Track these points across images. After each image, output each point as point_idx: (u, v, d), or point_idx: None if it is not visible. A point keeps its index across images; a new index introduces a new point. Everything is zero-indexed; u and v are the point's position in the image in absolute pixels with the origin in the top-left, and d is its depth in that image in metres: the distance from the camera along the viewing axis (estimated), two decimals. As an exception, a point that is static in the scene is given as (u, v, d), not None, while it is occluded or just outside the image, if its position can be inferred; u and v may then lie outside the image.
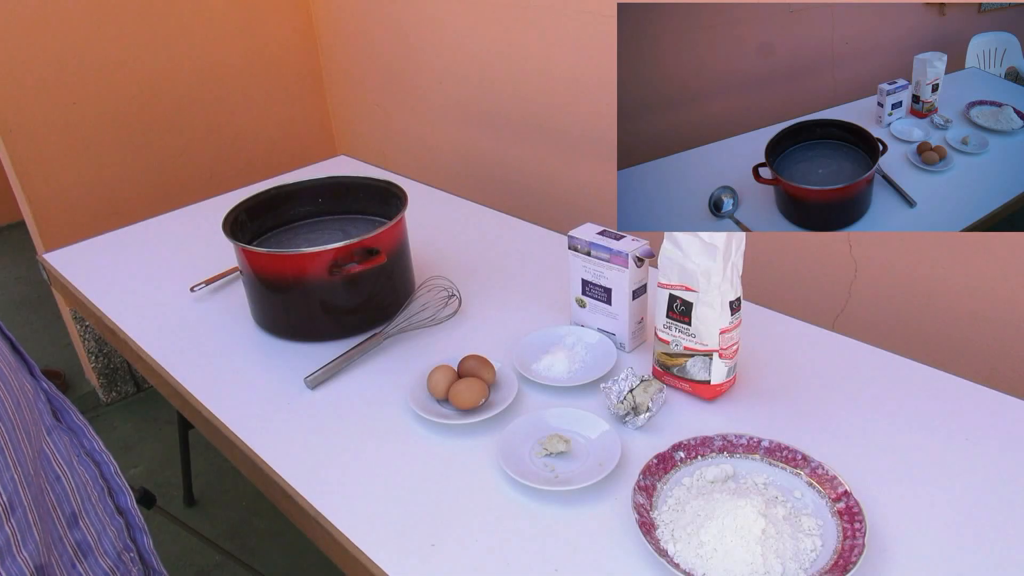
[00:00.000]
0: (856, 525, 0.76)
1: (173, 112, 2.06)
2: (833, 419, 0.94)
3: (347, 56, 2.23)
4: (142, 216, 1.63)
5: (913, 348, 1.11)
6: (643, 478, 0.83)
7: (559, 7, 1.58)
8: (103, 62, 1.91)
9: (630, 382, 0.94)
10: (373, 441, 0.95)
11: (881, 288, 1.30)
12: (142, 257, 1.45)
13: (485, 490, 0.86)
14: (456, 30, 1.84)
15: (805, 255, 1.38)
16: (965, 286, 1.20)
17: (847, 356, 1.05)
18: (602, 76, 1.56)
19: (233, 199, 1.23)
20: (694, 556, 0.74)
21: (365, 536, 0.82)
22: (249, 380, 1.08)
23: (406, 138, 2.18)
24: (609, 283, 1.05)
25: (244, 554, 1.73)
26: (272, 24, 2.19)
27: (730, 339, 0.93)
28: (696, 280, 0.91)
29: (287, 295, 1.12)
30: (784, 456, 0.85)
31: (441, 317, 1.17)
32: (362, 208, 1.31)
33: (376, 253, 1.10)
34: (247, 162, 2.23)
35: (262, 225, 1.26)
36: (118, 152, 2.00)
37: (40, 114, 1.86)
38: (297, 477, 0.90)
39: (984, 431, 0.90)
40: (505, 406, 0.96)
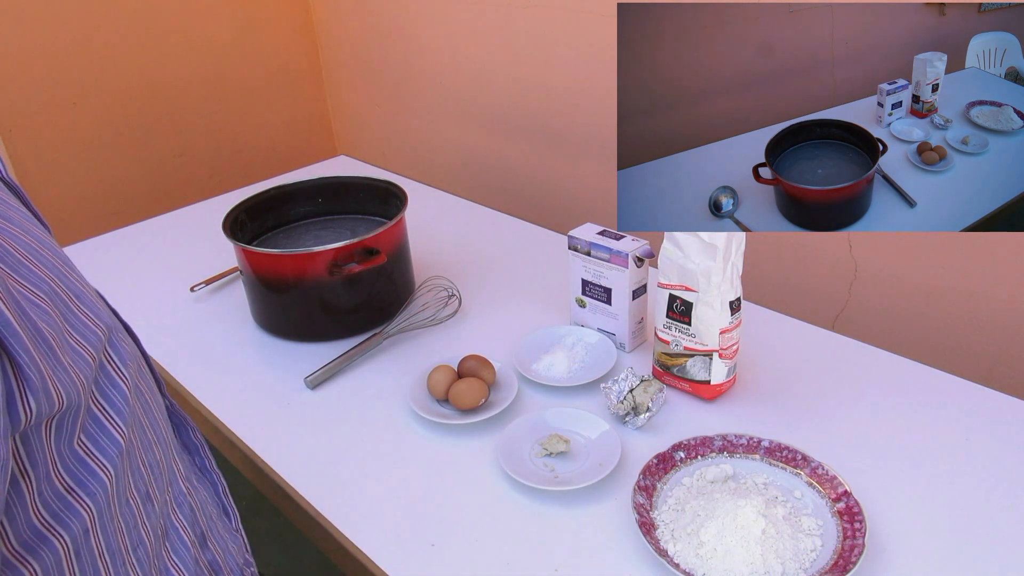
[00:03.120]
0: (856, 525, 0.76)
1: (173, 112, 2.06)
2: (833, 419, 0.94)
3: (347, 56, 2.23)
4: (142, 216, 1.63)
5: (913, 348, 1.10)
6: (643, 478, 0.83)
7: (559, 7, 1.57)
8: (103, 62, 1.91)
9: (630, 382, 0.94)
10: (373, 441, 0.95)
11: (881, 288, 1.30)
12: (142, 257, 1.45)
13: (485, 490, 0.86)
14: (456, 30, 1.84)
15: (805, 255, 1.38)
16: (965, 286, 1.20)
17: (847, 356, 1.05)
18: (602, 76, 1.56)
19: (233, 199, 1.23)
20: (694, 556, 0.74)
21: (365, 536, 0.82)
22: (249, 380, 1.08)
23: (406, 138, 2.18)
24: (609, 283, 1.05)
25: (244, 554, 1.73)
26: (272, 24, 2.19)
27: (730, 339, 0.93)
28: (696, 280, 0.91)
29: (287, 295, 1.12)
30: (784, 456, 0.85)
31: (441, 317, 1.17)
32: (362, 208, 1.31)
33: (376, 253, 1.10)
34: (247, 162, 2.23)
35: (262, 225, 1.26)
36: (118, 152, 2.00)
37: (40, 114, 1.85)
38: (297, 477, 0.90)
39: (984, 431, 0.90)
40: (505, 406, 0.96)
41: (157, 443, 0.55)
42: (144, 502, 0.52)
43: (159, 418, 0.58)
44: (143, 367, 0.57)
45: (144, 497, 0.52)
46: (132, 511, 0.51)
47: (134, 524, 0.51)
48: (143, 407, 0.54)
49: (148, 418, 0.55)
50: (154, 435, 0.55)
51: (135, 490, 0.51)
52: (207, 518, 0.65)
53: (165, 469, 0.56)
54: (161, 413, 0.60)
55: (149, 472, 0.53)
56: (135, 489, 0.51)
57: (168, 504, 0.56)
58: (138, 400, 0.53)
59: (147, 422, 0.54)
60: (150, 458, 0.53)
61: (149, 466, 0.53)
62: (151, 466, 0.53)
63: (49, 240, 0.49)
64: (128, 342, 0.54)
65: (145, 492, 0.52)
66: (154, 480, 0.54)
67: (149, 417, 0.55)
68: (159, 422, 0.57)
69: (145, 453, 0.53)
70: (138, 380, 0.53)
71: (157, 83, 2.02)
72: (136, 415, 0.52)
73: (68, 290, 0.45)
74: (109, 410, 0.48)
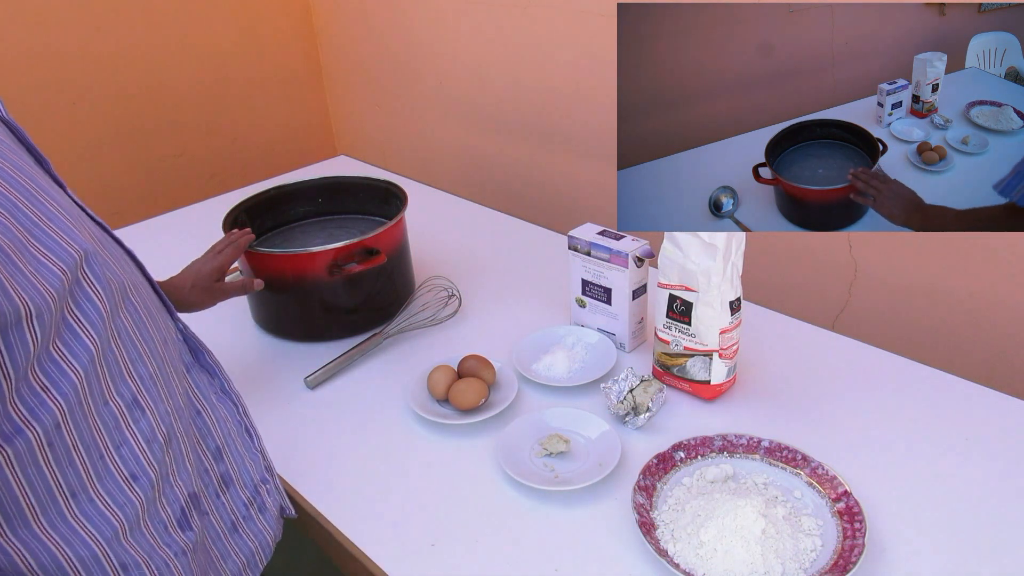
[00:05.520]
0: (856, 525, 0.76)
1: (173, 112, 2.06)
2: (833, 419, 0.94)
3: (347, 56, 2.23)
4: (142, 216, 1.63)
5: (913, 348, 1.10)
6: (643, 478, 0.83)
7: (559, 7, 1.57)
8: (103, 63, 1.91)
9: (630, 382, 0.94)
10: (373, 441, 0.95)
11: (881, 288, 1.30)
12: (142, 257, 1.44)
13: (485, 490, 0.86)
14: (456, 30, 1.84)
15: (805, 255, 1.38)
16: (965, 286, 1.20)
17: (847, 356, 1.05)
18: (602, 76, 1.56)
19: (233, 199, 1.23)
20: (694, 556, 0.74)
21: (365, 536, 0.82)
22: (249, 380, 1.08)
23: (406, 138, 2.18)
24: (609, 283, 1.05)
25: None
26: (272, 24, 2.19)
27: (730, 339, 0.93)
28: (696, 280, 0.91)
29: (287, 295, 1.12)
30: (784, 456, 0.85)
31: (441, 317, 1.17)
32: (362, 208, 1.31)
33: (376, 253, 1.10)
34: (247, 162, 2.23)
35: (262, 225, 1.26)
36: (118, 152, 2.00)
37: (40, 114, 1.85)
38: (297, 477, 0.90)
39: (984, 431, 0.90)
40: (505, 406, 0.96)
41: (151, 356, 0.61)
42: (130, 407, 0.58)
43: (156, 337, 0.63)
44: (143, 291, 0.63)
45: (130, 403, 0.58)
46: (113, 413, 0.57)
47: (115, 426, 0.57)
48: (135, 323, 0.60)
49: (140, 334, 0.60)
50: (146, 349, 0.60)
51: (117, 396, 0.57)
52: (224, 434, 0.71)
53: (161, 382, 0.61)
54: (166, 333, 0.65)
55: (138, 383, 0.59)
56: (117, 395, 0.57)
57: (170, 415, 0.62)
58: (130, 317, 0.59)
59: (138, 337, 0.60)
60: (140, 371, 0.59)
61: (140, 378, 0.59)
62: (141, 378, 0.59)
63: (31, 169, 0.56)
64: (120, 267, 0.60)
65: (131, 399, 0.58)
66: (145, 391, 0.59)
67: (143, 333, 0.60)
68: (155, 340, 0.62)
69: (133, 365, 0.58)
70: (131, 299, 0.60)
71: (157, 83, 2.01)
72: (123, 328, 0.58)
73: (37, 210, 0.52)
74: (83, 320, 0.54)
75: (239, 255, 1.01)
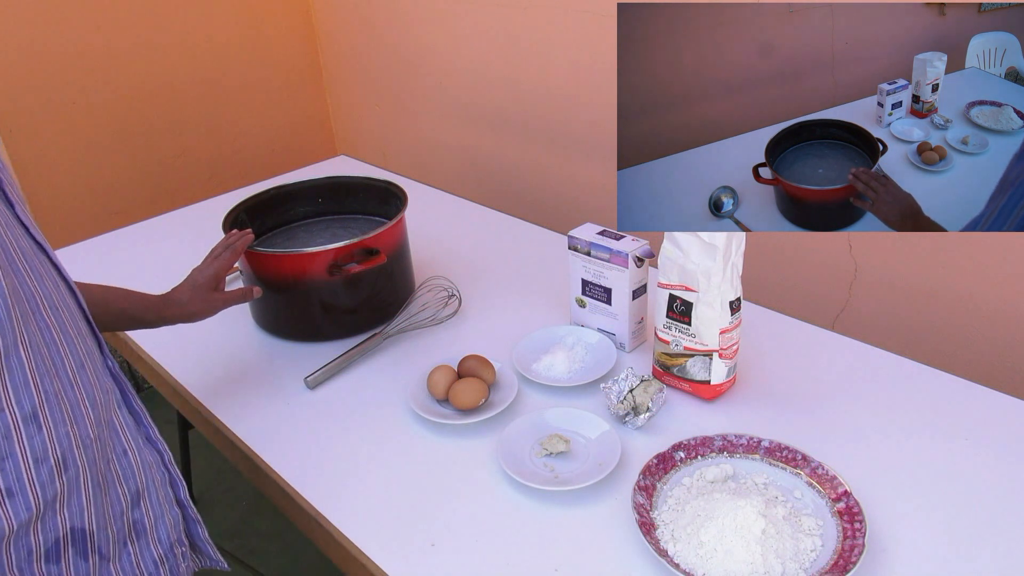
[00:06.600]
0: (856, 525, 0.76)
1: (173, 112, 2.06)
2: (833, 419, 0.93)
3: (347, 56, 2.23)
4: (142, 216, 1.63)
5: (913, 348, 1.11)
6: (643, 478, 0.83)
7: (559, 7, 1.58)
8: (103, 62, 1.91)
9: (630, 382, 0.94)
10: (373, 441, 0.95)
11: (881, 288, 1.30)
12: (142, 257, 1.45)
13: (485, 490, 0.86)
14: (456, 30, 1.84)
15: (805, 255, 1.38)
16: (965, 286, 1.20)
17: (847, 356, 1.05)
18: (602, 76, 1.56)
19: (233, 199, 1.23)
20: (694, 556, 0.74)
21: (365, 536, 0.82)
22: (249, 380, 1.08)
23: (406, 138, 2.18)
24: (609, 283, 1.05)
25: (244, 554, 1.73)
26: (272, 24, 2.19)
27: (730, 339, 0.93)
28: (696, 280, 0.91)
29: (287, 295, 1.12)
30: (784, 456, 0.85)
31: (441, 317, 1.17)
32: (362, 208, 1.31)
33: (376, 253, 1.10)
34: (247, 162, 2.23)
35: (262, 225, 1.26)
36: (118, 152, 2.00)
37: (40, 114, 1.85)
38: (297, 477, 0.90)
39: (984, 431, 0.90)
40: (505, 406, 0.96)
41: (60, 377, 0.60)
42: (27, 421, 0.56)
43: (71, 361, 0.61)
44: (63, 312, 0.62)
45: (28, 416, 0.56)
46: (6, 423, 0.55)
47: (5, 435, 0.55)
48: (46, 341, 0.59)
49: (50, 351, 0.59)
50: (55, 367, 0.59)
51: (15, 404, 0.55)
52: (148, 480, 0.69)
53: (68, 406, 0.60)
54: (87, 360, 0.64)
55: (42, 397, 0.57)
56: (15, 403, 0.55)
57: (72, 440, 0.60)
58: (40, 332, 0.58)
59: (47, 355, 0.59)
60: (47, 386, 0.58)
61: (45, 392, 0.58)
62: (46, 392, 0.58)
63: None
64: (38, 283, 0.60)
65: (30, 412, 0.56)
66: (48, 408, 0.58)
67: (52, 352, 0.60)
68: (70, 363, 0.61)
69: (40, 378, 0.57)
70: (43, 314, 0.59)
71: (157, 83, 2.02)
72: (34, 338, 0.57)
73: None
74: None
75: (237, 259, 1.00)
